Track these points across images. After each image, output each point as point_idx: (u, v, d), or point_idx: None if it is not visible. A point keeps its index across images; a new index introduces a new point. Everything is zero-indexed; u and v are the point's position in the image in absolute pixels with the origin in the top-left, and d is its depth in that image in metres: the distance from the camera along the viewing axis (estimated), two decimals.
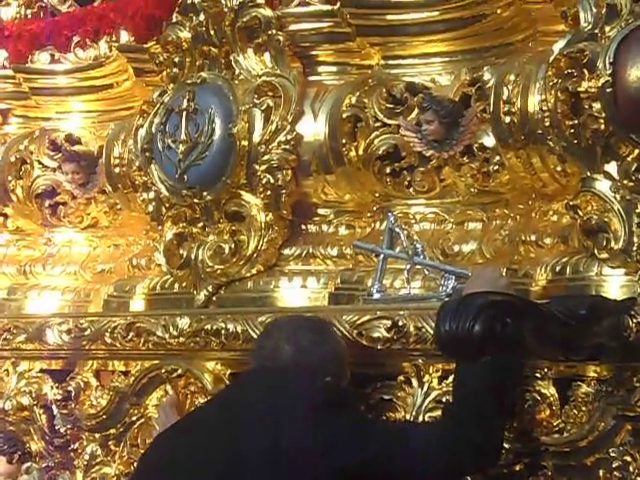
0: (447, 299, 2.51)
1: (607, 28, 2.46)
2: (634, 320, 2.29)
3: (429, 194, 2.94)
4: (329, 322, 2.62)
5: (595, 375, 2.41)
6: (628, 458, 2.34)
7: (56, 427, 3.36)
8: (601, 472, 2.36)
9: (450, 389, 2.48)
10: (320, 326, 2.60)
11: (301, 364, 2.44)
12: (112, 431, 3.19)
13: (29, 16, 3.86)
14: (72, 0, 3.93)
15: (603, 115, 2.44)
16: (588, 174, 2.56)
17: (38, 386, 3.40)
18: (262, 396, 2.39)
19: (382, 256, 2.79)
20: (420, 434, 2.39)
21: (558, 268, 2.60)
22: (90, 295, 3.54)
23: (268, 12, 3.08)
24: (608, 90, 2.39)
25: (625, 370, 2.36)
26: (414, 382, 2.63)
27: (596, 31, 2.48)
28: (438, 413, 2.50)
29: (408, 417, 2.61)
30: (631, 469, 2.32)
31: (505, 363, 2.34)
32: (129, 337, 3.07)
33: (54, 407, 3.36)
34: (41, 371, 3.44)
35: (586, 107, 2.48)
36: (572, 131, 2.54)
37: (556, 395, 2.44)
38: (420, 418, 2.58)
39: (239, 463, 2.26)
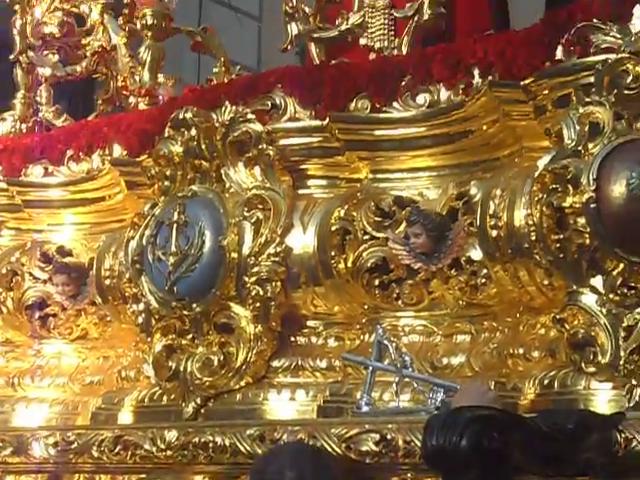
0: (436, 412, 2.49)
1: (590, 145, 2.50)
2: (622, 435, 2.28)
3: (417, 306, 2.94)
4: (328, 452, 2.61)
5: None
6: None
7: None
8: None
9: None
10: (320, 454, 2.58)
11: None
12: None
13: (24, 130, 3.90)
14: (66, 115, 3.98)
15: (588, 230, 2.46)
16: (574, 288, 2.58)
17: None
18: None
19: (371, 369, 2.78)
20: None
21: (546, 382, 2.59)
22: (78, 407, 3.49)
23: (258, 127, 3.11)
24: (592, 206, 2.42)
25: None
26: None
27: (580, 148, 2.52)
28: None
29: None
30: None
31: (492, 478, 2.33)
32: (116, 450, 3.04)
33: None
34: None
35: (571, 222, 2.51)
36: (558, 245, 2.56)
37: None
38: None
39: None
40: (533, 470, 2.40)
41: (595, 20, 2.64)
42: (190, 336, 3.15)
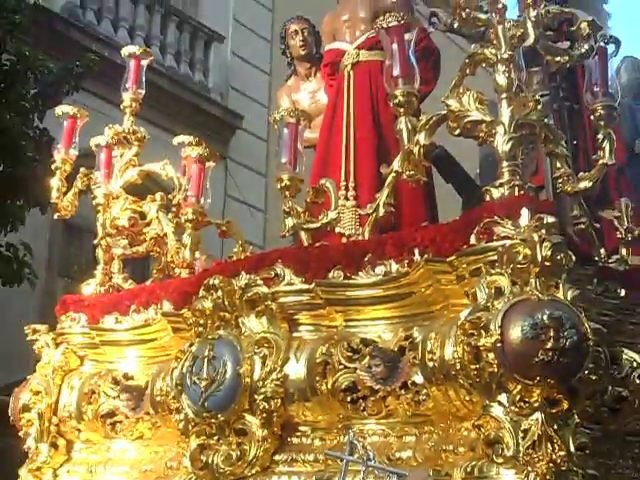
0: None
1: (496, 302, 2.52)
2: None
3: (377, 416, 2.90)
4: None
5: None
6: None
7: None
8: None
9: None
10: None
11: None
12: None
13: (102, 291, 3.91)
14: (131, 280, 3.99)
15: (496, 362, 2.47)
16: (487, 402, 2.56)
17: None
18: None
19: (345, 461, 2.72)
20: None
21: (468, 469, 2.54)
22: None
23: (265, 289, 3.12)
24: (498, 345, 2.44)
25: None
26: None
27: (488, 304, 2.54)
28: None
29: None
30: None
31: None
32: None
33: None
34: None
35: (484, 356, 2.51)
36: (475, 372, 2.55)
37: None
38: None
39: None
40: None
41: (496, 217, 2.70)
42: (216, 437, 3.08)
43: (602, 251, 3.27)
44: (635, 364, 2.82)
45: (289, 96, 4.86)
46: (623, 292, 2.97)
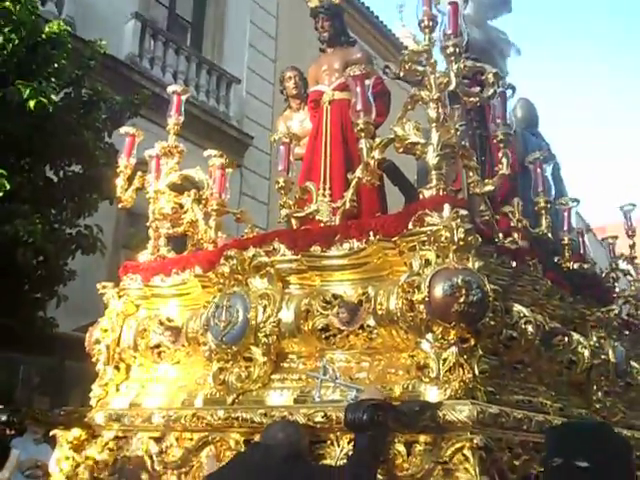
0: (351, 402, 2.45)
1: (425, 270, 2.54)
2: (442, 412, 2.28)
3: (343, 348, 2.89)
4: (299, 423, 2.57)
5: (424, 440, 2.36)
6: None
7: None
8: None
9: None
10: (295, 424, 2.55)
11: (284, 444, 2.39)
12: (184, 469, 3.02)
13: (152, 259, 3.88)
14: (173, 251, 3.96)
15: (425, 311, 2.49)
16: (418, 339, 2.58)
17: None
18: (259, 457, 2.40)
19: (320, 380, 2.74)
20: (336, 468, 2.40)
21: (405, 386, 2.57)
22: (176, 396, 3.35)
23: (266, 258, 3.11)
24: (426, 299, 2.46)
25: (438, 438, 2.32)
26: (335, 444, 2.56)
27: (420, 271, 2.56)
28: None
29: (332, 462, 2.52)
30: None
31: (379, 434, 2.29)
32: (193, 420, 2.98)
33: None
34: None
35: (417, 307, 2.52)
36: (410, 318, 2.57)
37: (404, 450, 2.38)
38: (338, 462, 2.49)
39: None
40: (398, 430, 2.39)
41: (427, 210, 2.70)
42: (231, 362, 3.07)
43: (500, 235, 3.28)
44: (522, 314, 2.84)
45: (285, 123, 4.82)
46: (514, 264, 2.99)
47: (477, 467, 2.23)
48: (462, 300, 2.40)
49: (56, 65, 5.58)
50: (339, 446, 2.54)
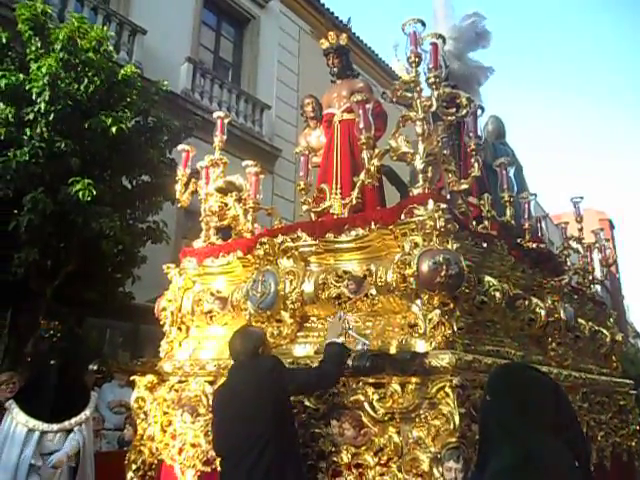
0: (359, 351, 2.45)
1: (414, 251, 2.53)
2: (428, 360, 2.29)
3: (352, 312, 2.88)
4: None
5: (415, 381, 2.37)
6: (426, 414, 2.29)
7: None
8: (416, 418, 2.30)
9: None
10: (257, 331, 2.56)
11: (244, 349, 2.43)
12: None
13: (204, 245, 3.89)
14: (220, 239, 3.96)
15: (414, 283, 2.49)
16: (410, 304, 2.58)
17: None
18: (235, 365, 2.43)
19: (346, 323, 2.69)
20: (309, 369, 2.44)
21: (400, 341, 2.58)
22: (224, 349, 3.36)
23: (292, 243, 3.11)
24: (415, 274, 2.45)
25: (426, 380, 2.33)
26: (346, 386, 2.57)
27: (410, 252, 2.55)
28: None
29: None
30: (427, 416, 2.26)
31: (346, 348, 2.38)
32: None
33: None
34: None
35: (408, 280, 2.52)
36: (403, 288, 2.57)
37: (399, 389, 2.38)
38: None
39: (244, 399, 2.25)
40: (394, 374, 2.39)
41: (415, 205, 2.70)
42: (265, 324, 3.09)
43: (473, 222, 3.26)
44: (491, 283, 2.84)
45: (305, 139, 4.84)
46: (485, 245, 2.98)
47: (455, 401, 2.26)
48: (443, 274, 2.41)
49: (128, 99, 5.67)
50: (349, 386, 2.56)
